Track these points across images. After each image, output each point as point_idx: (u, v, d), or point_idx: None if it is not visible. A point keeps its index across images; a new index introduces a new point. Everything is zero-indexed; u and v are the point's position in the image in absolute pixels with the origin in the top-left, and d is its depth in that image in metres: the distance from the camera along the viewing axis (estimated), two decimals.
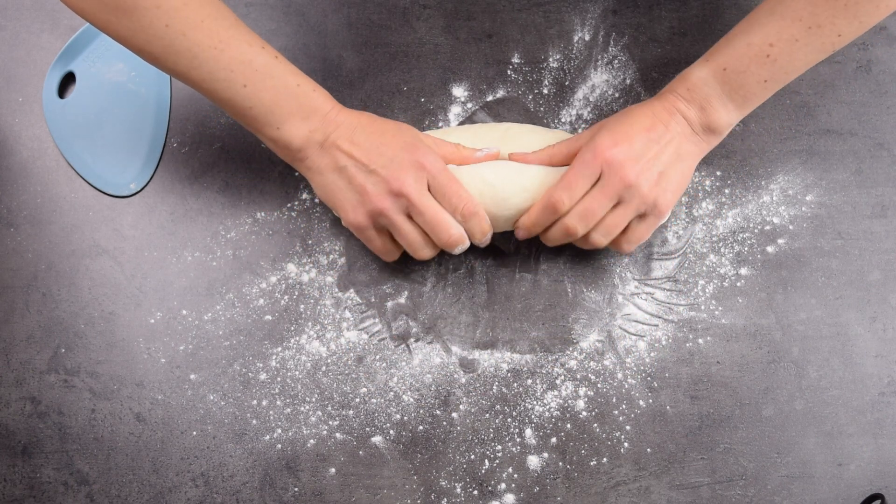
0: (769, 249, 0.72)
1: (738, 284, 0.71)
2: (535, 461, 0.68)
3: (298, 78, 0.61)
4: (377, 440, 0.69)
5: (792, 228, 0.72)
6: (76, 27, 0.77)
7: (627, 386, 0.69)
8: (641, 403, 0.69)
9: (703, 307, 0.71)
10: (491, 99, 0.76)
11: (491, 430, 0.69)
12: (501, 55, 0.76)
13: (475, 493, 0.68)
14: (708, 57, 0.63)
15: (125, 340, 0.71)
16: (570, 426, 0.69)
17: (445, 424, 0.69)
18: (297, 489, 0.68)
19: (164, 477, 0.69)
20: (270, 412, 0.69)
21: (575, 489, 0.68)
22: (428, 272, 0.72)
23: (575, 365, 0.70)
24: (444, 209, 0.63)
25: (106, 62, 0.76)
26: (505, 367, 0.70)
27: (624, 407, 0.69)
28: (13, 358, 0.71)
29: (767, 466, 0.68)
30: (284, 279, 0.72)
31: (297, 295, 0.72)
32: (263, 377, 0.70)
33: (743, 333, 0.70)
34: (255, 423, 0.69)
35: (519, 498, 0.68)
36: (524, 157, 0.66)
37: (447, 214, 0.63)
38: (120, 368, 0.70)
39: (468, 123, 0.75)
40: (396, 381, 0.70)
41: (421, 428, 0.69)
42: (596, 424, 0.69)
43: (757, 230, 0.72)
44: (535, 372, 0.70)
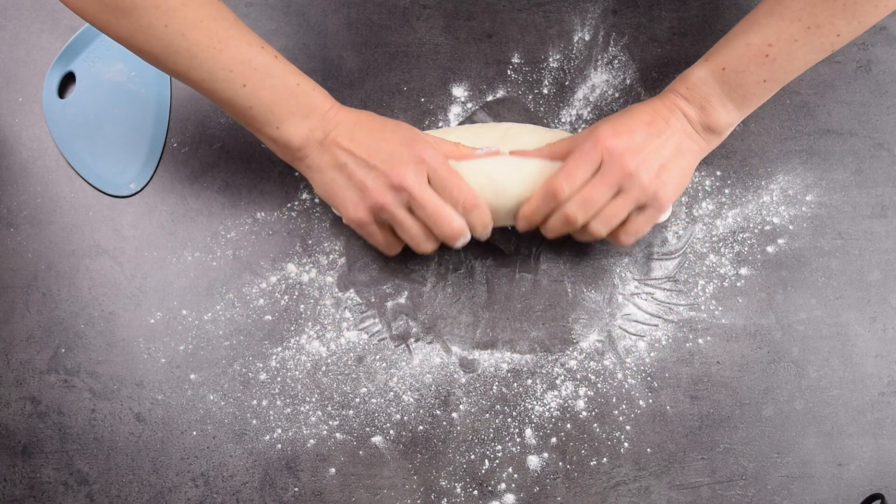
0: (769, 249, 0.72)
1: (738, 284, 0.71)
2: (535, 461, 0.68)
3: (298, 77, 0.61)
4: (377, 440, 0.69)
5: (792, 228, 0.72)
6: (76, 27, 0.77)
7: (627, 386, 0.69)
8: (641, 403, 0.69)
9: (703, 307, 0.71)
10: (491, 99, 0.76)
11: (491, 430, 0.69)
12: (501, 55, 0.76)
13: (475, 493, 0.68)
14: (707, 57, 0.63)
15: (125, 340, 0.71)
16: (570, 426, 0.69)
17: (445, 424, 0.69)
18: (297, 489, 0.68)
19: (164, 477, 0.69)
20: (270, 412, 0.69)
21: (575, 489, 0.68)
22: (428, 272, 0.72)
23: (575, 365, 0.70)
24: (445, 202, 0.63)
25: (106, 62, 0.76)
26: (505, 367, 0.70)
27: (624, 407, 0.69)
28: (13, 358, 0.71)
29: (767, 466, 0.68)
30: (284, 279, 0.72)
31: (297, 295, 0.72)
32: (263, 377, 0.70)
33: (743, 333, 0.70)
34: (255, 423, 0.69)
35: (519, 498, 0.68)
36: (524, 153, 0.66)
37: (448, 207, 0.63)
38: (120, 368, 0.70)
39: (468, 123, 0.75)
40: (396, 381, 0.70)
41: (421, 428, 0.69)
42: (596, 424, 0.69)
43: (757, 230, 0.72)
44: (535, 372, 0.70)
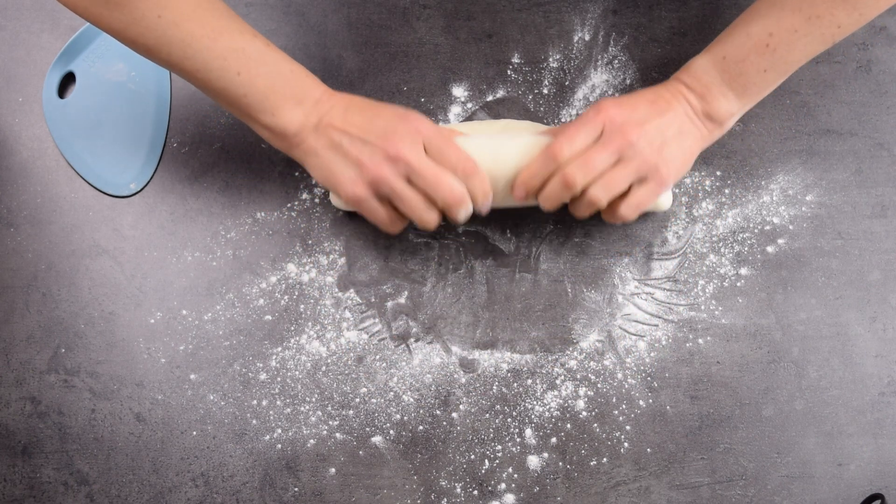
0: (769, 249, 0.72)
1: (738, 284, 0.71)
2: (535, 461, 0.68)
3: (291, 64, 0.62)
4: (377, 440, 0.69)
5: (792, 228, 0.72)
6: (76, 27, 0.77)
7: (627, 386, 0.69)
8: (641, 403, 0.69)
9: (703, 307, 0.71)
10: (491, 99, 0.76)
11: (491, 430, 0.69)
12: (501, 55, 0.76)
13: (475, 493, 0.68)
14: (709, 47, 0.64)
15: (125, 340, 0.71)
16: (570, 426, 0.69)
17: (445, 424, 0.69)
18: (297, 489, 0.68)
19: (164, 477, 0.69)
20: (270, 412, 0.69)
21: (575, 489, 0.68)
22: (428, 272, 0.72)
23: (575, 365, 0.70)
24: (443, 169, 0.62)
25: (106, 62, 0.76)
26: (505, 367, 0.70)
27: (624, 407, 0.69)
28: (13, 358, 0.71)
29: (767, 466, 0.68)
30: (284, 279, 0.72)
31: (297, 295, 0.72)
32: (263, 377, 0.70)
33: (743, 333, 0.70)
34: (255, 423, 0.69)
35: (519, 498, 0.68)
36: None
37: (447, 174, 0.61)
38: (120, 368, 0.70)
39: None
40: (396, 381, 0.70)
41: (421, 428, 0.69)
42: (596, 424, 0.69)
43: (757, 230, 0.72)
44: (535, 372, 0.70)
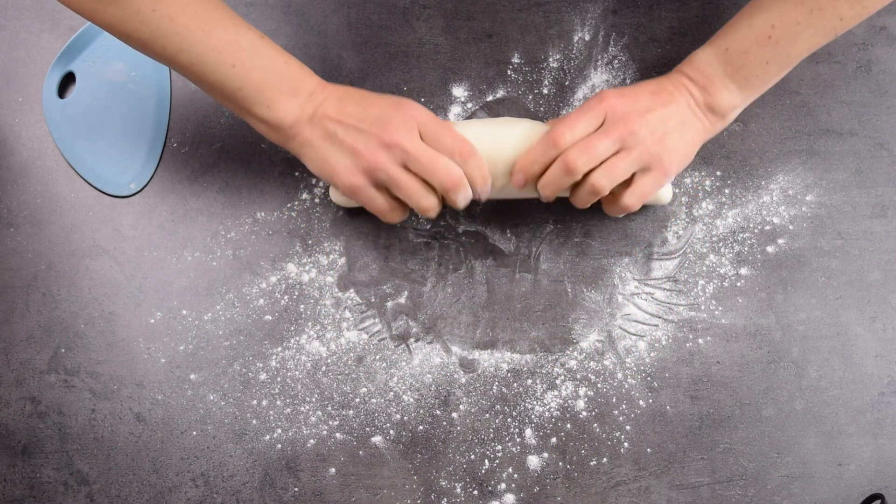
0: (769, 249, 0.72)
1: (738, 284, 0.71)
2: (535, 461, 0.68)
3: (285, 56, 0.62)
4: (377, 440, 0.69)
5: (792, 228, 0.72)
6: (76, 27, 0.77)
7: (627, 386, 0.69)
8: (641, 403, 0.69)
9: (703, 307, 0.71)
10: (491, 99, 0.76)
11: (491, 430, 0.69)
12: (501, 55, 0.76)
13: (475, 493, 0.68)
14: (712, 40, 0.64)
15: (125, 340, 0.71)
16: (570, 426, 0.69)
17: (445, 424, 0.69)
18: (297, 489, 0.68)
19: (164, 477, 0.69)
20: (270, 412, 0.69)
21: (575, 489, 0.68)
22: (428, 272, 0.72)
23: (575, 365, 0.70)
24: (440, 153, 0.61)
25: (106, 62, 0.76)
26: (505, 367, 0.70)
27: (624, 407, 0.69)
28: (13, 358, 0.71)
29: (767, 466, 0.68)
30: (284, 279, 0.72)
31: (297, 295, 0.72)
32: (263, 377, 0.70)
33: (743, 333, 0.70)
34: (255, 423, 0.69)
35: (519, 498, 0.68)
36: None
37: (444, 157, 0.61)
38: (120, 368, 0.70)
39: None
40: (396, 381, 0.70)
41: (421, 428, 0.69)
42: (596, 424, 0.69)
43: (757, 230, 0.72)
44: (535, 372, 0.70)
